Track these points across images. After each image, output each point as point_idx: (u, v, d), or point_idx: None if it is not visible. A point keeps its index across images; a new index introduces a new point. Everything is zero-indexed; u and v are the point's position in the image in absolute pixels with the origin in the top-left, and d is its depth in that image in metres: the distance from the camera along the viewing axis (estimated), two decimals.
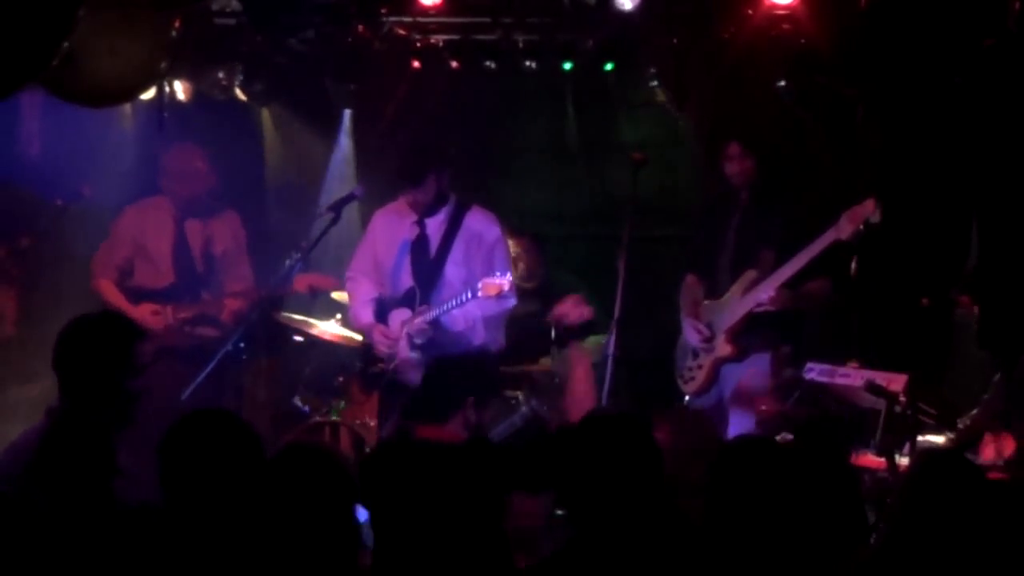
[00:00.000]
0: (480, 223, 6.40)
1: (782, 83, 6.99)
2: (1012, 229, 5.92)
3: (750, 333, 6.17)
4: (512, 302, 6.32)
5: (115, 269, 6.94)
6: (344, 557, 3.40)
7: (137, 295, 6.86)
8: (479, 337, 6.33)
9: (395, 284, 6.43)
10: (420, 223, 6.39)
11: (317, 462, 3.48)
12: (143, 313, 6.77)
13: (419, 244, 6.39)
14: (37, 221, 7.17)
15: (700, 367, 6.31)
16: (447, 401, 4.75)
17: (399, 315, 6.36)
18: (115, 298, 6.84)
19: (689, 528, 3.25)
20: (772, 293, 5.99)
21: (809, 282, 6.06)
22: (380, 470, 3.77)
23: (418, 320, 6.23)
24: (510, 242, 6.83)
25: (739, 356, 6.21)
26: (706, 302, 6.37)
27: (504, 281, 5.99)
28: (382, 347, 6.36)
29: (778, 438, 5.09)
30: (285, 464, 3.49)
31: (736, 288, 6.22)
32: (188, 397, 5.85)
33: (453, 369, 4.73)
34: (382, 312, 6.44)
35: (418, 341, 6.21)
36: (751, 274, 6.17)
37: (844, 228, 5.84)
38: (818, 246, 5.92)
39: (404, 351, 6.29)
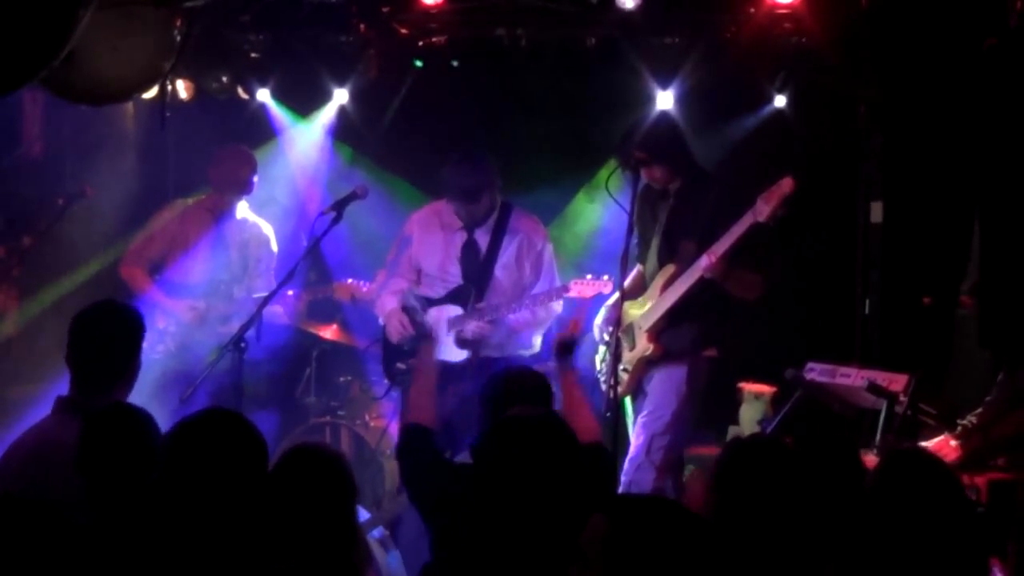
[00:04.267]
0: (528, 226, 6.55)
1: None
2: (1014, 229, 5.90)
3: (672, 331, 6.10)
4: (559, 308, 6.45)
5: (147, 261, 7.04)
6: (344, 558, 3.40)
7: (171, 289, 6.95)
8: (529, 340, 6.38)
9: (440, 285, 6.52)
10: (468, 229, 6.50)
11: (322, 464, 3.48)
12: (180, 307, 6.89)
13: (468, 249, 6.51)
14: (37, 221, 7.19)
15: (626, 371, 6.22)
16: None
17: (446, 311, 6.41)
18: (146, 287, 6.93)
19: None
20: (712, 260, 5.83)
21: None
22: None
23: (475, 321, 6.28)
24: None
25: (664, 355, 6.12)
26: (626, 303, 6.26)
27: (603, 284, 6.08)
28: (395, 335, 6.49)
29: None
30: (291, 466, 3.48)
31: (657, 284, 6.17)
32: (188, 397, 5.84)
33: (515, 380, 4.50)
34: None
35: (469, 337, 6.25)
36: (669, 269, 6.12)
37: (761, 210, 5.75)
38: (738, 230, 5.82)
39: (446, 348, 6.31)
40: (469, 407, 5.44)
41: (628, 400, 6.28)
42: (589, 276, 6.20)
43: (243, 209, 7.31)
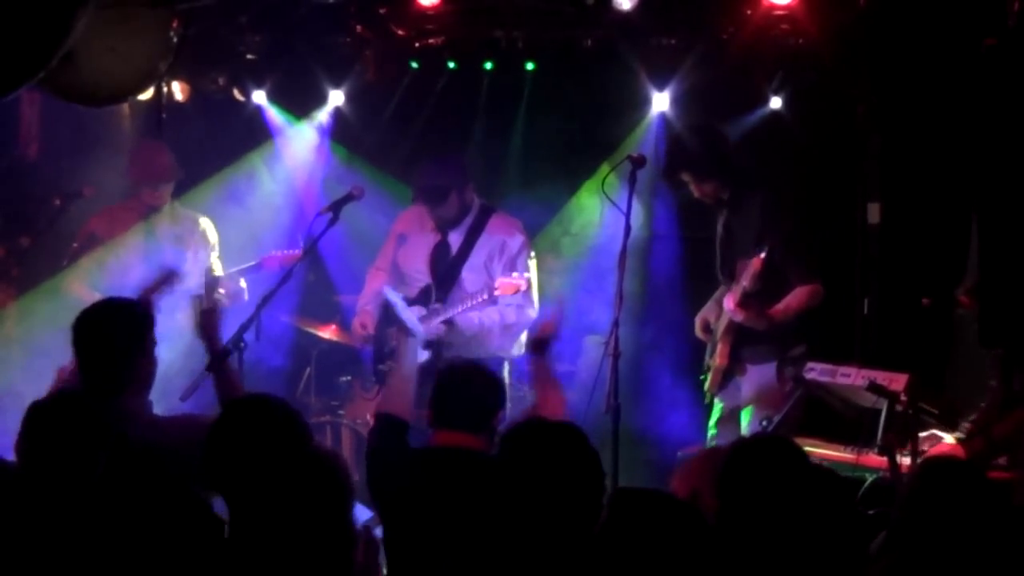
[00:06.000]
0: (504, 230, 6.45)
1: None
2: (1013, 229, 5.90)
3: (745, 345, 6.08)
4: (533, 314, 6.37)
5: (84, 271, 6.96)
6: (340, 558, 3.40)
7: (108, 292, 6.89)
8: (495, 343, 6.34)
9: (416, 287, 6.50)
10: (441, 231, 6.46)
11: (317, 464, 3.48)
12: None
13: (439, 249, 6.47)
14: (37, 221, 7.17)
15: (709, 368, 6.27)
16: (481, 411, 4.38)
17: (413, 312, 6.38)
18: (88, 299, 6.84)
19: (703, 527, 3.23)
20: (731, 306, 5.91)
21: (790, 293, 5.97)
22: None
23: (434, 320, 6.24)
24: None
25: (735, 369, 6.11)
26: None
27: (521, 281, 6.03)
28: (355, 335, 6.60)
29: None
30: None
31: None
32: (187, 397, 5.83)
33: (478, 376, 4.48)
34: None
35: (428, 339, 6.22)
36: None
37: (743, 281, 5.84)
38: (733, 297, 5.90)
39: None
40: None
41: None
42: (515, 274, 6.15)
43: (175, 205, 7.19)
